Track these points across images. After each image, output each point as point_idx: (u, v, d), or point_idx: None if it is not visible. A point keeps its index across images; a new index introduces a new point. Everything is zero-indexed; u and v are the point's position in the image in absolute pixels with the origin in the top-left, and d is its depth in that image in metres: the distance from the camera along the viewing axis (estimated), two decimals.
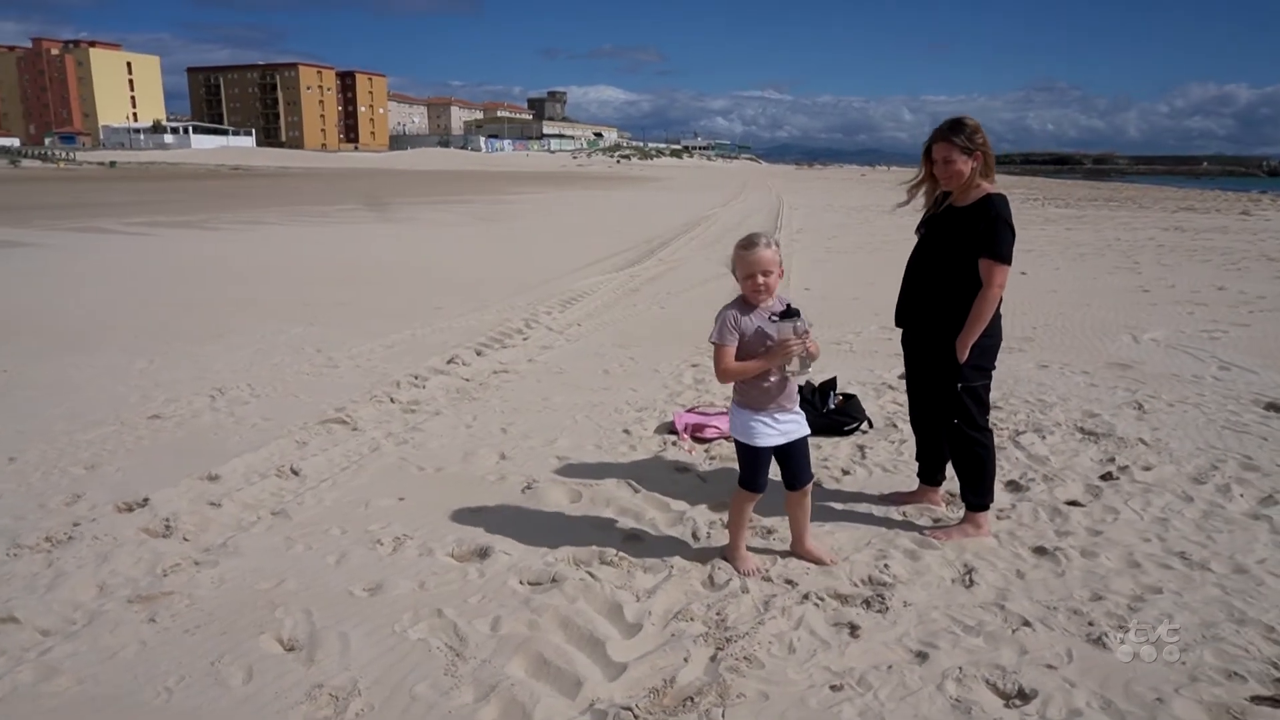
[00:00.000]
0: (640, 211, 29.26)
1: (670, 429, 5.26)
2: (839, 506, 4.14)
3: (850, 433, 5.17)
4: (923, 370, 3.84)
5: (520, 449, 4.97)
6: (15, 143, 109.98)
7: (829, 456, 4.85)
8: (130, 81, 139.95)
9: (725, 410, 5.38)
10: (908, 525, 3.92)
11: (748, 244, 3.24)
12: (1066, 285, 11.51)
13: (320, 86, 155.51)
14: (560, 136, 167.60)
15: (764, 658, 2.86)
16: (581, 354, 7.36)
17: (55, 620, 3.10)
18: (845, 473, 4.61)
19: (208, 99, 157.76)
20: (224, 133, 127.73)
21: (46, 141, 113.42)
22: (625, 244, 16.74)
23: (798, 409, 3.41)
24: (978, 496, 3.77)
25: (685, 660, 2.84)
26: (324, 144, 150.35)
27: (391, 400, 5.90)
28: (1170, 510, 4.08)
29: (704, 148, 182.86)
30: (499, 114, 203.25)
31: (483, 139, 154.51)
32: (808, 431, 3.43)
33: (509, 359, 7.20)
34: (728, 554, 3.53)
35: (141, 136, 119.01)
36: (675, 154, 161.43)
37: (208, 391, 6.09)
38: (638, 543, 3.75)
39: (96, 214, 23.77)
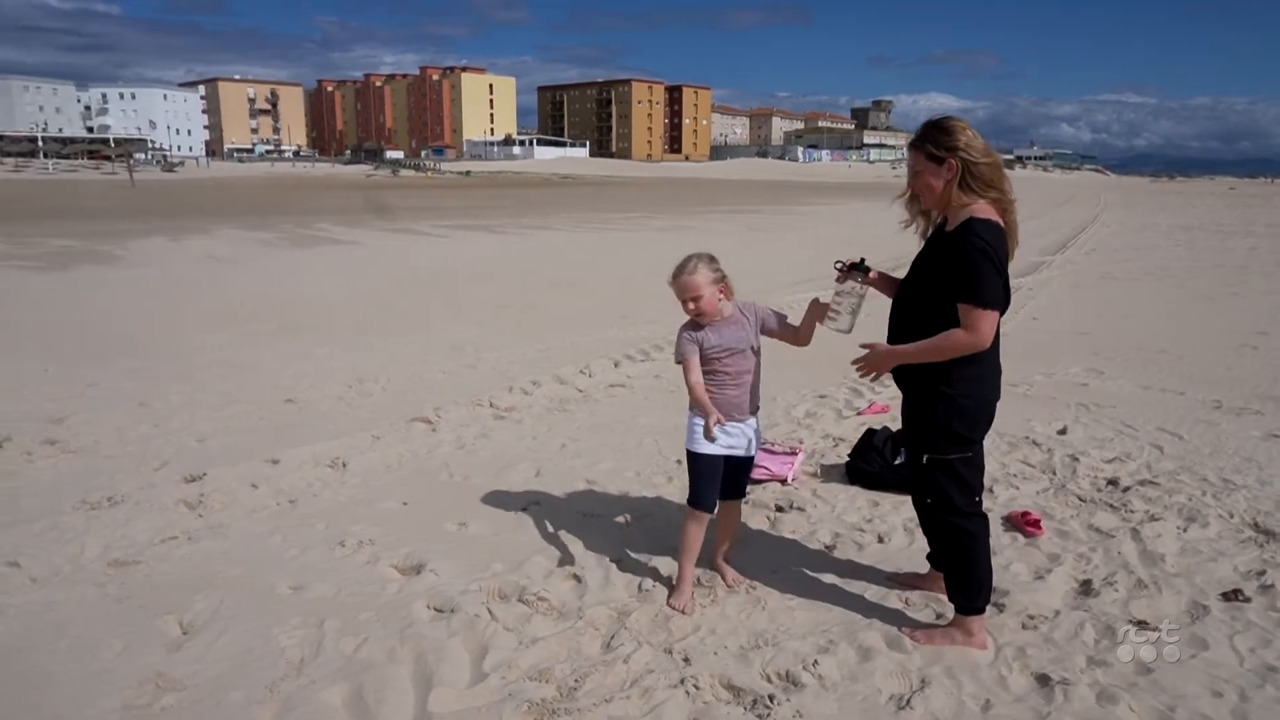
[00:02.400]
0: None
1: None
2: (833, 579, 3.51)
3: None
4: None
5: (560, 467, 4.83)
6: (400, 155, 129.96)
7: (875, 517, 4.14)
8: (490, 100, 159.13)
9: (794, 451, 4.84)
10: (897, 616, 3.22)
11: (672, 274, 3.26)
12: None
13: (650, 100, 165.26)
14: (881, 146, 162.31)
15: None
16: None
17: (45, 571, 3.54)
18: (880, 540, 3.90)
19: (552, 114, 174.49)
20: (562, 144, 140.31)
21: (422, 154, 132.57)
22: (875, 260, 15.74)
23: (752, 425, 3.32)
24: (964, 597, 2.98)
25: None
26: (649, 154, 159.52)
27: (491, 405, 6.04)
28: None
29: (1040, 158, 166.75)
30: (820, 124, 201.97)
31: (800, 149, 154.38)
32: (754, 453, 3.37)
33: (638, 373, 7.06)
34: (672, 591, 3.34)
35: (495, 149, 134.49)
36: (1007, 165, 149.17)
37: (349, 382, 6.67)
38: (578, 584, 3.47)
39: (422, 217, 27.22)
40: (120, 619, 3.18)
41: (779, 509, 4.24)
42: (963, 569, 2.96)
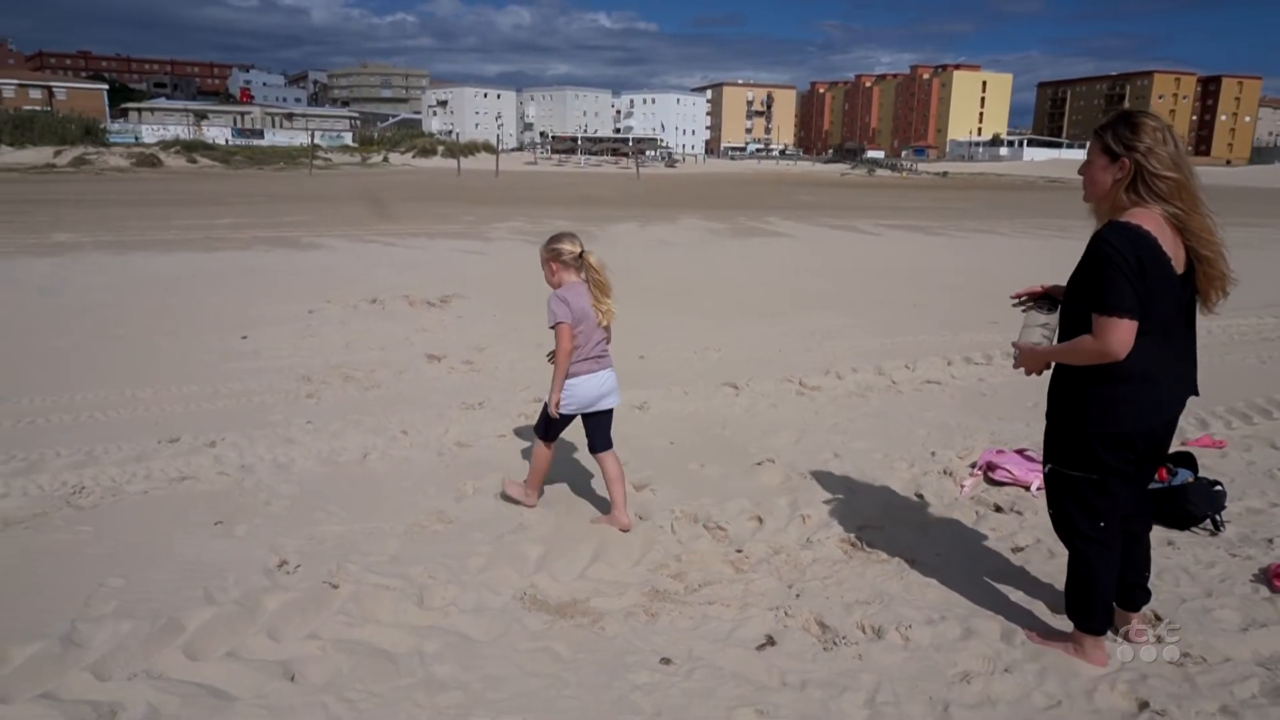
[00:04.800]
0: None
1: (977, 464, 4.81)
2: (994, 575, 3.53)
3: (1185, 527, 3.96)
4: None
5: (818, 440, 5.26)
6: (880, 154, 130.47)
7: None
8: (981, 99, 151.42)
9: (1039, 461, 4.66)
10: (1028, 617, 3.20)
11: None
12: None
13: (1175, 95, 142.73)
14: None
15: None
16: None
17: (419, 440, 5.10)
18: None
19: (1051, 112, 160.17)
20: (1058, 145, 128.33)
21: (902, 154, 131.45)
22: None
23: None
24: (1075, 615, 2.89)
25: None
26: None
27: (800, 383, 6.59)
28: None
29: None
30: None
31: None
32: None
33: (964, 374, 7.00)
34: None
35: (980, 149, 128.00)
36: None
37: (696, 349, 7.72)
38: (759, 525, 3.99)
39: (869, 215, 27.74)
40: (441, 476, 4.54)
41: (997, 508, 4.22)
42: (1075, 589, 2.89)
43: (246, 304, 9.42)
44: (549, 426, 3.97)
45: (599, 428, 3.97)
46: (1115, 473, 2.75)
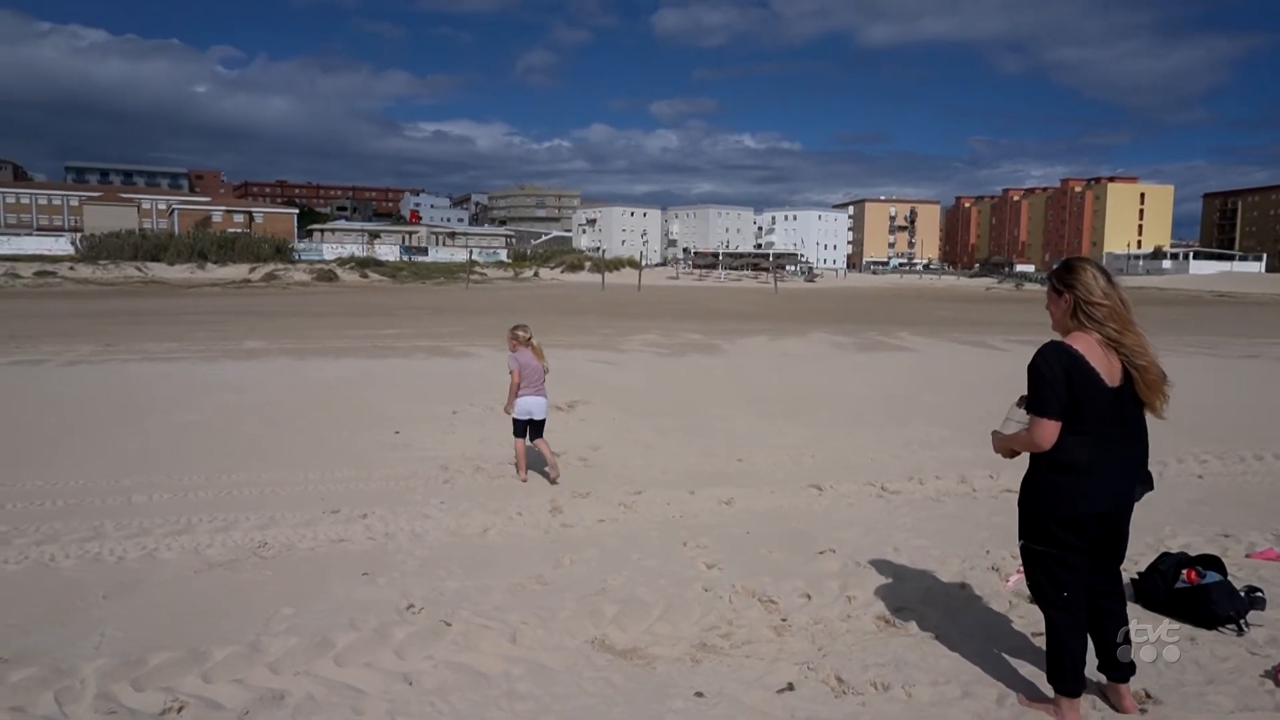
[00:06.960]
0: None
1: None
2: (1007, 652, 3.96)
3: (1211, 626, 4.23)
4: None
5: (881, 537, 5.76)
6: (1030, 268, 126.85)
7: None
8: (1140, 211, 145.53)
9: None
10: (1029, 687, 3.63)
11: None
12: None
13: None
14: None
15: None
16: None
17: (536, 521, 5.98)
18: None
19: (1220, 224, 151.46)
20: (1229, 258, 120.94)
21: (1053, 267, 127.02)
22: None
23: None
24: (1050, 676, 3.35)
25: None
26: None
27: (882, 487, 7.10)
28: None
29: None
30: None
31: None
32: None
33: None
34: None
35: (1140, 262, 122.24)
36: None
37: (791, 453, 8.32)
38: (807, 601, 4.57)
39: (1003, 331, 27.50)
40: (545, 549, 5.39)
41: (1031, 600, 4.60)
42: (1050, 653, 3.36)
43: (402, 404, 10.81)
44: (516, 429, 7.11)
45: (537, 429, 7.11)
46: (1071, 549, 3.27)
